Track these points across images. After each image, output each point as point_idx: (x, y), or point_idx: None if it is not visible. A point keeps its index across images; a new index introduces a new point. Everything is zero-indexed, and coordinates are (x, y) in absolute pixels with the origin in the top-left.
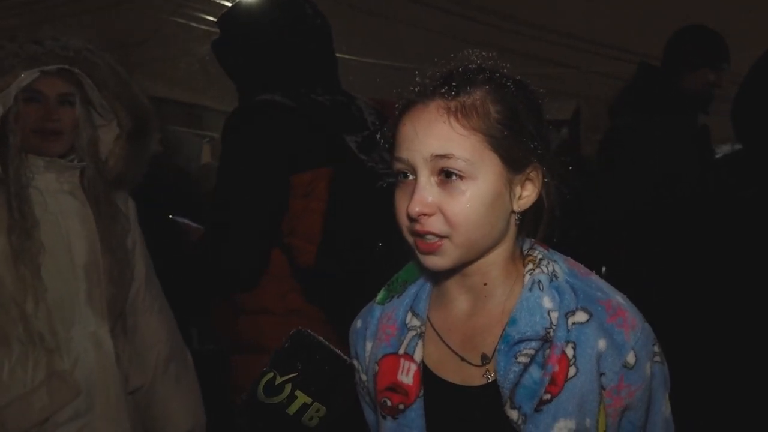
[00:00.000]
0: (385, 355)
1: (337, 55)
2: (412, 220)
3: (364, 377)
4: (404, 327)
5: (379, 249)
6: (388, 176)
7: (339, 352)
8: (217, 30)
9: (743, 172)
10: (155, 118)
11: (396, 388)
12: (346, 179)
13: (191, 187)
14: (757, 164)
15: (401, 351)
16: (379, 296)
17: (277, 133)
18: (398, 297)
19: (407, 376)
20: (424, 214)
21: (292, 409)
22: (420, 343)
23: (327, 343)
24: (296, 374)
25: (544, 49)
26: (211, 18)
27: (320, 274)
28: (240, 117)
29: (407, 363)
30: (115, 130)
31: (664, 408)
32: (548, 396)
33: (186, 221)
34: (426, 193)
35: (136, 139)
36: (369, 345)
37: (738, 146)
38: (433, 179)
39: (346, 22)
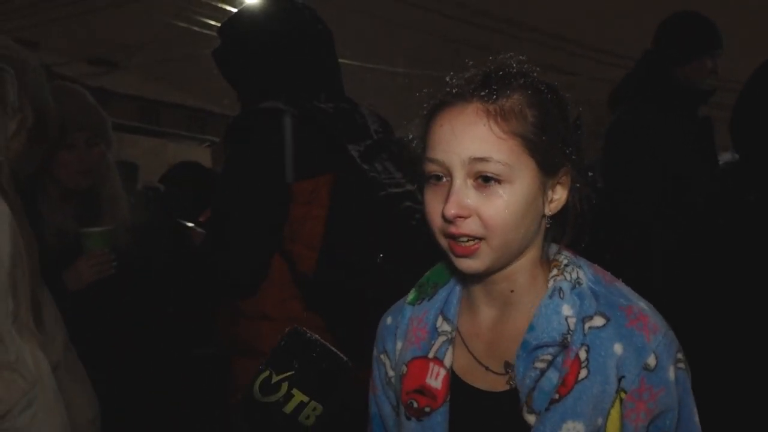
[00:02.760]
0: (415, 358)
1: (340, 60)
2: (447, 221)
3: (391, 373)
4: (435, 331)
5: (379, 258)
6: (389, 186)
7: (335, 349)
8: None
9: (742, 181)
10: (58, 115)
11: (424, 391)
12: (347, 188)
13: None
14: (755, 173)
15: (431, 355)
16: (410, 296)
17: (280, 140)
18: (429, 300)
19: (436, 380)
20: (460, 216)
21: (289, 407)
22: (450, 349)
23: (323, 341)
24: (292, 372)
25: (545, 55)
26: (213, 22)
27: (321, 281)
28: (242, 123)
29: (437, 367)
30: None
31: (695, 417)
32: (557, 396)
33: (192, 225)
34: (463, 195)
35: (36, 136)
36: (399, 344)
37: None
38: (470, 182)
39: (346, 26)
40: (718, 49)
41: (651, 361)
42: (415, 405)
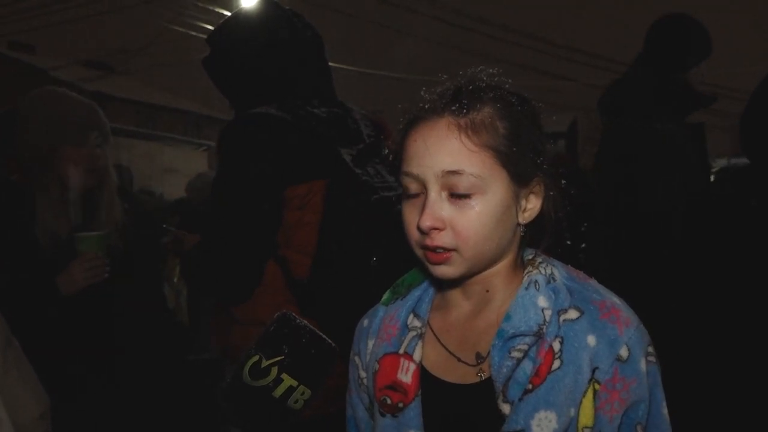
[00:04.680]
0: (386, 354)
1: (339, 66)
2: (423, 233)
3: (363, 374)
4: (405, 328)
5: (373, 262)
6: (383, 190)
7: (323, 335)
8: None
9: (746, 184)
10: None
11: (396, 386)
12: (340, 192)
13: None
14: (763, 177)
15: (401, 350)
16: (384, 297)
17: (272, 146)
18: (402, 299)
19: (406, 375)
20: (435, 228)
21: (278, 392)
22: (420, 344)
23: (311, 326)
24: (282, 357)
25: (541, 61)
26: (210, 26)
27: (315, 286)
28: (235, 129)
29: (407, 362)
30: None
31: (664, 410)
32: (530, 386)
33: (178, 230)
34: (437, 207)
35: None
36: (371, 343)
37: (735, 161)
38: (444, 194)
39: (345, 32)
40: (710, 54)
41: (623, 352)
42: (389, 401)
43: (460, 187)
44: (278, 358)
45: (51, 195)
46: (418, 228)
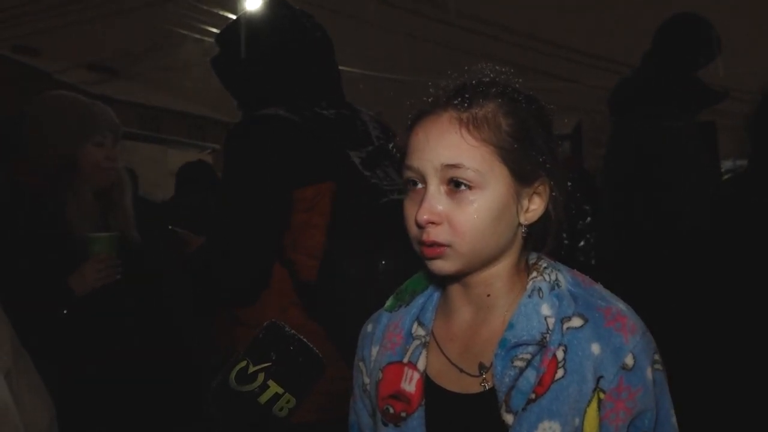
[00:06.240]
0: (390, 363)
1: (339, 67)
2: (420, 227)
3: (367, 380)
4: (410, 336)
5: (381, 266)
6: (391, 192)
7: (311, 345)
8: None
9: (754, 182)
10: None
11: (399, 395)
12: (348, 195)
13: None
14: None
15: (405, 359)
16: (388, 303)
17: (280, 148)
18: (406, 306)
19: (410, 384)
20: (432, 222)
21: (264, 398)
22: (424, 353)
23: (300, 336)
24: (270, 364)
25: (545, 63)
26: (215, 30)
27: (322, 289)
28: (242, 131)
29: (410, 371)
30: None
31: (672, 419)
32: (533, 396)
33: (185, 231)
34: (435, 201)
35: None
36: (375, 350)
37: (740, 162)
38: (443, 188)
39: (345, 34)
40: (718, 54)
41: (629, 361)
42: (392, 410)
43: (458, 180)
44: (265, 365)
45: (77, 197)
46: (416, 222)
